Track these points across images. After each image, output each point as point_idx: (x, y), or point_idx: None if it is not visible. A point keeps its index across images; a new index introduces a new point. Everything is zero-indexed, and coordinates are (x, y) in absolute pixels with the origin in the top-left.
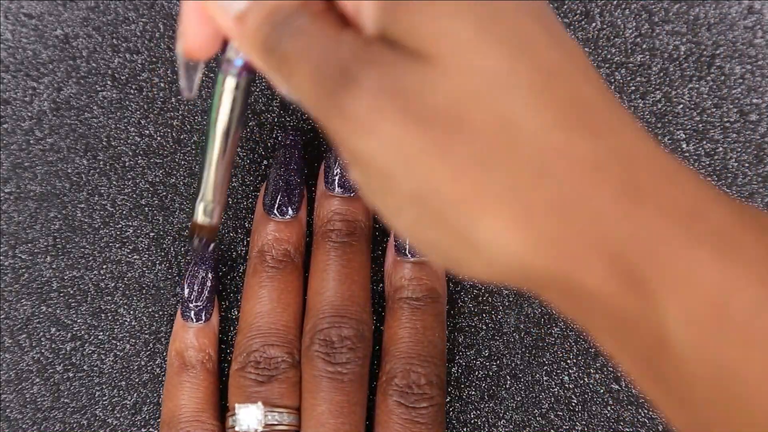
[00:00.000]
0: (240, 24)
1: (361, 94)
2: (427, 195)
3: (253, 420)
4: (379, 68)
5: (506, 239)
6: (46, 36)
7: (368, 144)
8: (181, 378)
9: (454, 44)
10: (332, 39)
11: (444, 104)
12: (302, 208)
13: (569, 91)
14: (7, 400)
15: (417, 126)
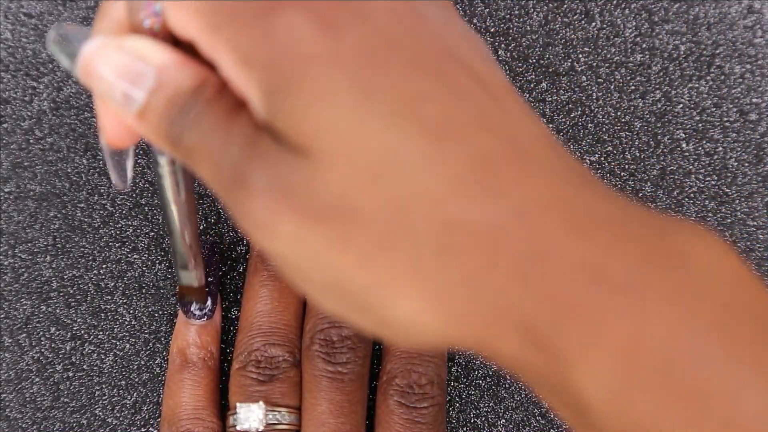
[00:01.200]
0: (142, 120)
1: (254, 196)
2: (340, 284)
3: (254, 419)
4: (267, 167)
5: (420, 319)
6: (46, 35)
7: (272, 243)
8: (182, 375)
9: (332, 135)
10: (224, 132)
11: (334, 198)
12: None
13: (464, 149)
14: (6, 400)
15: (313, 222)
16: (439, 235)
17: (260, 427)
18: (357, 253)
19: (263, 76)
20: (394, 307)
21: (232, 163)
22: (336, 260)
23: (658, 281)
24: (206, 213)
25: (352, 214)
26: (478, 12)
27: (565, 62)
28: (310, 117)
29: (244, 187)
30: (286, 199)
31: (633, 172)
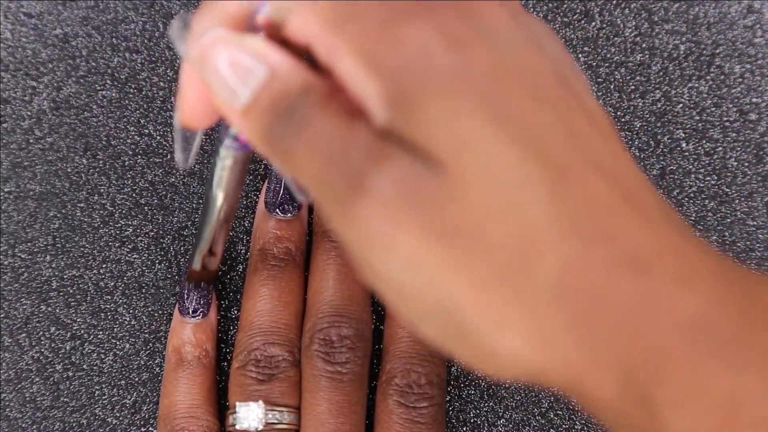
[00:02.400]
0: (245, 117)
1: (374, 205)
2: (447, 309)
3: (254, 418)
4: (393, 175)
5: (522, 355)
6: (45, 35)
7: (386, 261)
8: (177, 374)
9: (470, 153)
10: (341, 134)
11: (464, 219)
12: (304, 206)
13: (582, 193)
14: (6, 400)
15: (437, 241)
16: (558, 274)
17: (260, 426)
18: (475, 279)
19: (389, 83)
20: (499, 340)
21: (351, 168)
22: (451, 284)
23: (758, 337)
24: None
25: (478, 239)
26: None
27: None
28: (446, 129)
29: (361, 195)
30: (411, 211)
31: None
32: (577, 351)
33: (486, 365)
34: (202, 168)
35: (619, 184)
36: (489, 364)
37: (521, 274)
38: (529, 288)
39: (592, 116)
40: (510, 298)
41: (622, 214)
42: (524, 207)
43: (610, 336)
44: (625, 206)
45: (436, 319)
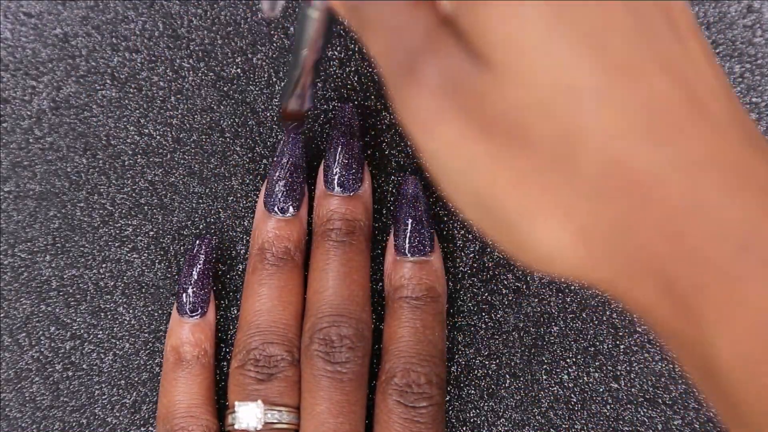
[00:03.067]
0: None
1: (422, 89)
2: (486, 200)
3: (253, 418)
4: (443, 64)
5: (561, 251)
6: (45, 35)
7: (429, 143)
8: (176, 373)
9: (518, 54)
10: (408, 15)
11: (505, 113)
12: (303, 205)
13: (640, 90)
14: (6, 399)
15: (477, 132)
16: (599, 172)
17: (258, 426)
18: (513, 171)
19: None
20: (536, 234)
21: (407, 49)
22: (490, 174)
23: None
24: (205, 213)
25: (519, 133)
26: None
27: None
28: (499, 28)
29: (414, 78)
30: (455, 101)
31: None
32: (615, 251)
33: (525, 257)
34: (203, 168)
35: (686, 87)
36: (528, 257)
37: (562, 169)
38: (568, 184)
39: (671, 16)
40: (548, 193)
41: (682, 116)
42: (571, 105)
43: (650, 238)
44: (689, 109)
45: (478, 206)
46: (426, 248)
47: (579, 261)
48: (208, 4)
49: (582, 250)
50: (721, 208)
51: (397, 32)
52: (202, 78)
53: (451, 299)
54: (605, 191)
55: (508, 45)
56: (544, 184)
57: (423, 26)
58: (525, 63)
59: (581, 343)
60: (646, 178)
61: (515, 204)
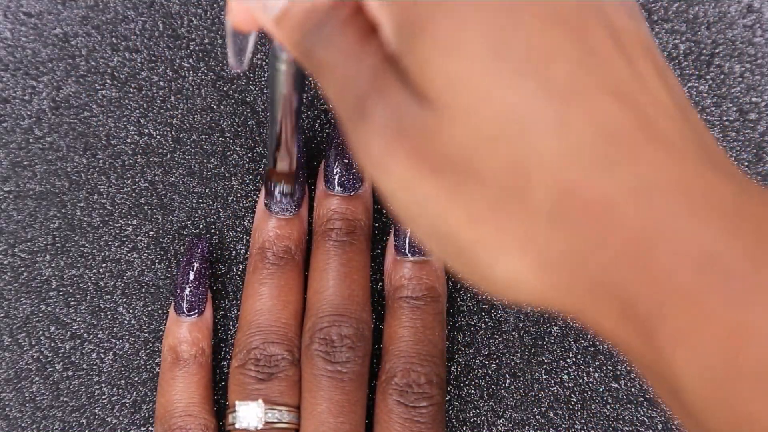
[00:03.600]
0: (278, 27)
1: (372, 130)
2: (444, 235)
3: (254, 417)
4: (388, 105)
5: (522, 282)
6: (45, 35)
7: (383, 182)
8: (173, 373)
9: (459, 89)
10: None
11: (452, 150)
12: (303, 205)
13: (589, 118)
14: (6, 399)
15: (427, 172)
16: (553, 202)
17: (259, 425)
18: (466, 208)
19: (398, 9)
20: (497, 267)
21: (356, 91)
22: (444, 212)
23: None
24: (205, 213)
25: (468, 170)
26: None
27: None
28: (438, 66)
29: (363, 119)
30: (402, 142)
31: None
32: (574, 278)
33: (488, 288)
34: (203, 168)
35: (636, 110)
36: (490, 287)
37: (515, 202)
38: (523, 215)
39: (619, 37)
40: (503, 225)
41: (634, 140)
42: (518, 137)
43: (610, 265)
44: (640, 132)
45: (437, 241)
46: None
47: (540, 290)
48: (208, 4)
49: (542, 279)
50: (678, 231)
51: (345, 75)
52: (202, 78)
53: (451, 299)
54: (560, 220)
55: (447, 82)
56: (498, 218)
57: (370, 68)
58: (466, 99)
59: (581, 343)
60: (601, 204)
61: (472, 239)
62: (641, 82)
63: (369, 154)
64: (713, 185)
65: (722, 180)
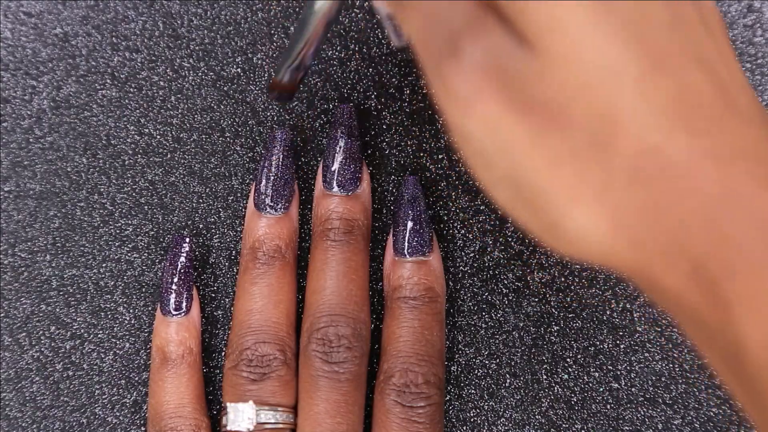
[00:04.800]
0: None
1: (463, 70)
2: (520, 180)
3: (245, 419)
4: (486, 44)
5: (593, 234)
6: (45, 34)
7: (466, 122)
8: (162, 374)
9: (563, 37)
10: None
11: (545, 95)
12: (293, 203)
13: (676, 82)
14: (6, 399)
15: (515, 112)
16: (636, 157)
17: (251, 426)
18: (550, 152)
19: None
20: (570, 216)
21: (447, 31)
22: (526, 154)
23: None
24: (205, 213)
25: (558, 115)
26: None
27: None
28: (543, 11)
29: (455, 57)
30: (496, 80)
31: None
32: (647, 234)
33: (555, 240)
34: (203, 168)
35: (718, 80)
36: (558, 240)
37: (597, 153)
38: (603, 168)
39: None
40: (582, 175)
41: (714, 108)
42: (610, 92)
43: (684, 224)
44: (720, 101)
45: (509, 185)
46: (425, 249)
47: (610, 244)
48: (208, 3)
49: (614, 233)
50: (753, 198)
51: (436, 15)
52: (202, 78)
53: (451, 299)
54: (640, 176)
55: (552, 28)
56: (581, 166)
57: (465, 8)
58: (568, 46)
59: (581, 343)
60: (682, 166)
61: (549, 185)
62: (722, 55)
63: (455, 92)
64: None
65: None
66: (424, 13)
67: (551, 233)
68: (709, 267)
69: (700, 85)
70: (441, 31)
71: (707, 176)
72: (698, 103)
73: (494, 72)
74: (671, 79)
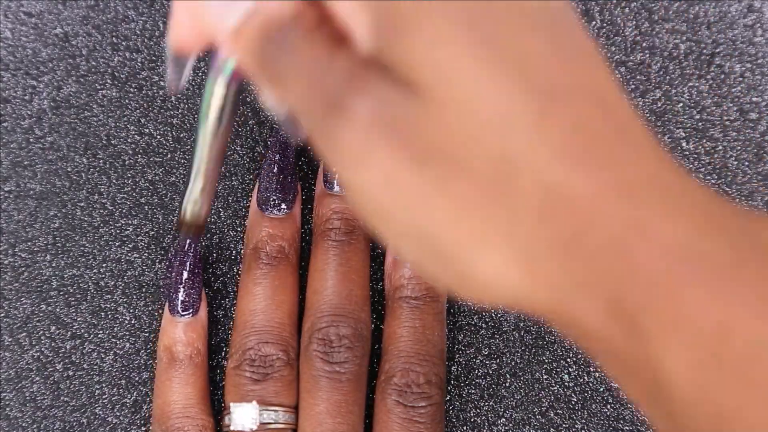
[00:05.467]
0: (236, 39)
1: (353, 126)
2: (424, 233)
3: (248, 419)
4: (372, 98)
5: (506, 280)
6: (45, 34)
7: (361, 178)
8: (169, 374)
9: (449, 78)
10: (325, 61)
11: (440, 143)
12: (296, 203)
13: (572, 117)
14: (7, 399)
15: (411, 165)
16: (540, 197)
17: (254, 426)
18: (452, 201)
19: (380, 10)
20: (481, 263)
21: (331, 90)
22: (428, 206)
23: (748, 271)
24: None
25: (455, 162)
26: None
27: None
28: (427, 56)
29: (341, 116)
30: (387, 133)
31: None
32: (561, 274)
33: (467, 290)
34: None
35: (611, 113)
36: (470, 289)
37: (501, 197)
38: (508, 211)
39: (585, 47)
40: (488, 221)
41: (612, 141)
42: (505, 133)
43: (597, 259)
44: (616, 134)
45: (415, 240)
46: None
47: (524, 288)
48: None
49: (527, 277)
50: (662, 227)
51: (316, 80)
52: (202, 78)
53: (451, 298)
54: (546, 215)
55: (437, 71)
56: (484, 212)
57: (344, 68)
58: (456, 89)
59: None
60: (586, 201)
61: (455, 235)
62: (611, 86)
63: (347, 151)
64: (688, 184)
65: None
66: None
67: (463, 283)
68: (625, 301)
69: (595, 121)
70: (321, 94)
71: (612, 209)
72: (594, 137)
73: (384, 125)
74: (567, 116)
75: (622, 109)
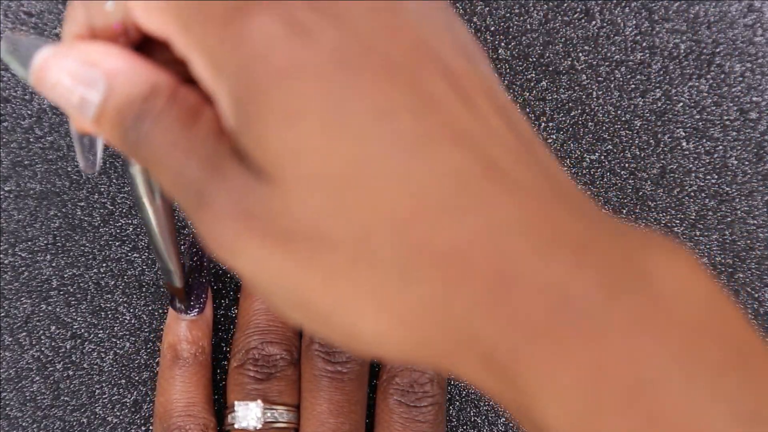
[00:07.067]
0: (99, 126)
1: (216, 217)
2: (305, 304)
3: (252, 417)
4: (228, 188)
5: (388, 339)
6: (46, 34)
7: (234, 264)
8: (173, 372)
9: (297, 160)
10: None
11: (296, 222)
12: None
13: (433, 166)
14: (7, 398)
15: (277, 245)
16: (403, 258)
17: (258, 425)
18: (321, 275)
19: (233, 84)
20: (360, 326)
21: (193, 181)
22: (300, 282)
23: (620, 306)
24: None
25: (316, 238)
26: (478, 11)
27: (565, 61)
28: (275, 138)
29: (205, 207)
30: (248, 222)
31: (633, 171)
32: (432, 332)
33: (357, 347)
34: None
35: (479, 154)
36: (360, 346)
37: (366, 264)
38: (374, 275)
39: (457, 81)
40: (358, 287)
41: (479, 186)
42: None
43: (465, 315)
44: (486, 177)
45: (301, 310)
46: None
47: (403, 344)
48: None
49: (403, 335)
50: (529, 270)
51: (177, 165)
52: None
53: None
54: (411, 275)
55: (285, 153)
56: (352, 281)
57: (201, 155)
58: (305, 168)
59: None
60: (452, 253)
61: (333, 304)
62: (482, 123)
63: (217, 241)
64: (561, 221)
65: (571, 215)
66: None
67: (354, 344)
68: (497, 353)
69: (459, 165)
70: (186, 183)
71: (478, 258)
72: (461, 184)
73: (243, 213)
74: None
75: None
